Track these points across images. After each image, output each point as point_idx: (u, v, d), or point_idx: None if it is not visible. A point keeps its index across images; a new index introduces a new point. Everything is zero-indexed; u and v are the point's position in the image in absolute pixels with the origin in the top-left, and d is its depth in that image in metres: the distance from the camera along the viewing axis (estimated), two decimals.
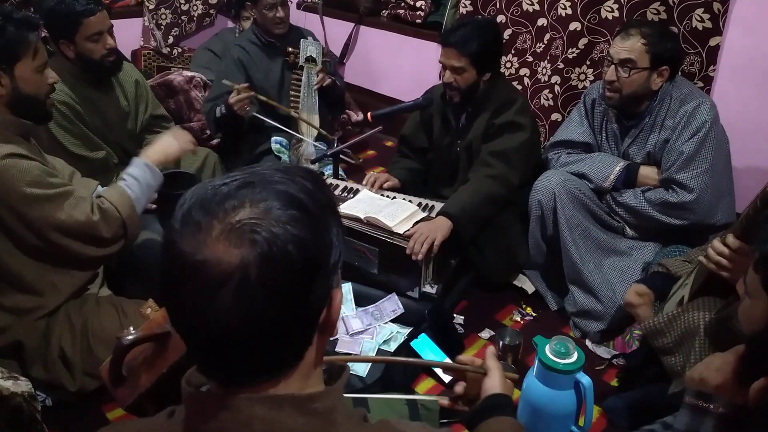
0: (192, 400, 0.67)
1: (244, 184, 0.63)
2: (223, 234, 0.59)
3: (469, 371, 1.14)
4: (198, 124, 3.07)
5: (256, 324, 0.60)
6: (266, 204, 0.61)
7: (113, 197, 1.67)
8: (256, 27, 2.92)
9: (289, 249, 0.60)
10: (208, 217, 0.60)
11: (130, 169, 1.77)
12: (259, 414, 0.63)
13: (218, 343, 0.61)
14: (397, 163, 2.55)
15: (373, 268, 2.17)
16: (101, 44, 2.08)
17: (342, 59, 3.92)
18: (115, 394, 1.10)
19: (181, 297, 0.61)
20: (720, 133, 2.03)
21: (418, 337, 1.97)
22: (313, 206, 0.64)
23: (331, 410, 0.67)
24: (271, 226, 0.60)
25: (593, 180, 2.14)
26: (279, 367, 0.65)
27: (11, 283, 1.61)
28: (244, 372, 0.64)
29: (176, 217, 0.62)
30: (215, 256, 0.59)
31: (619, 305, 2.01)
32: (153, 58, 3.76)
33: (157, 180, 1.80)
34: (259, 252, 0.59)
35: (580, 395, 1.54)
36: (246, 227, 0.59)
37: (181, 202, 0.64)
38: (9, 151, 1.49)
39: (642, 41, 1.95)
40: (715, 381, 1.13)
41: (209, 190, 0.63)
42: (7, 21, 1.48)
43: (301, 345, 0.66)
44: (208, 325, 0.60)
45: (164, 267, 0.63)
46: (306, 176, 0.67)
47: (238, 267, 0.58)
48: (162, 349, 1.08)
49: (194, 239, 0.60)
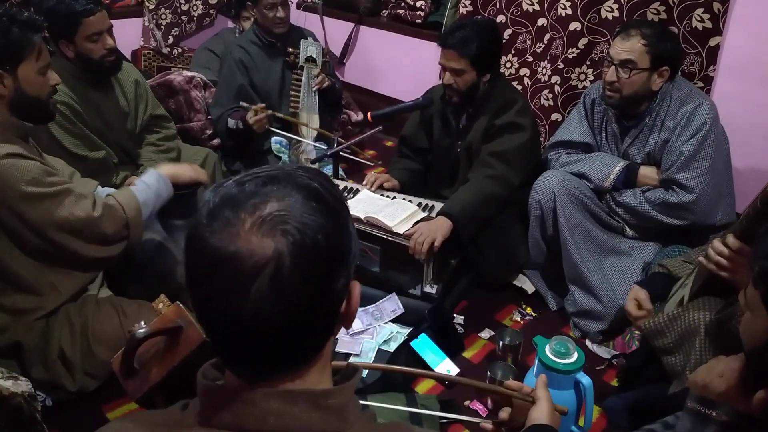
0: (207, 393, 0.67)
1: (269, 179, 0.65)
2: (255, 226, 0.61)
3: (517, 398, 1.12)
4: (198, 124, 3.06)
5: (289, 313, 0.62)
6: (292, 198, 0.63)
7: (121, 197, 1.68)
8: (257, 27, 2.92)
9: (319, 238, 0.62)
10: (236, 211, 0.62)
11: (144, 177, 1.79)
12: (274, 408, 0.64)
13: (249, 335, 0.62)
14: (397, 163, 2.55)
15: (375, 267, 2.17)
16: (101, 44, 2.08)
17: (342, 59, 3.92)
18: (126, 386, 1.11)
19: (211, 291, 0.62)
20: (720, 133, 2.03)
21: (418, 337, 1.97)
22: (332, 199, 0.66)
23: (344, 407, 0.68)
24: (300, 217, 0.62)
25: (593, 180, 2.14)
26: (302, 359, 0.67)
27: (11, 284, 1.61)
28: (270, 364, 0.65)
29: (201, 215, 0.64)
30: (248, 247, 0.60)
31: (619, 305, 2.01)
32: (153, 58, 3.76)
33: (168, 191, 1.81)
34: (292, 242, 0.61)
35: (580, 395, 1.55)
36: (277, 219, 0.61)
37: (205, 200, 0.65)
38: (8, 151, 1.49)
39: (642, 42, 1.95)
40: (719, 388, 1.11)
41: (233, 188, 0.64)
42: (12, 22, 1.49)
43: (324, 335, 0.68)
44: (240, 317, 0.61)
45: (191, 263, 0.64)
46: (320, 174, 0.70)
47: (272, 257, 0.60)
48: (173, 343, 1.10)
49: (226, 233, 0.61)
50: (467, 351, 2.08)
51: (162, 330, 1.10)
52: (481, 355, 2.06)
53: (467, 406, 1.84)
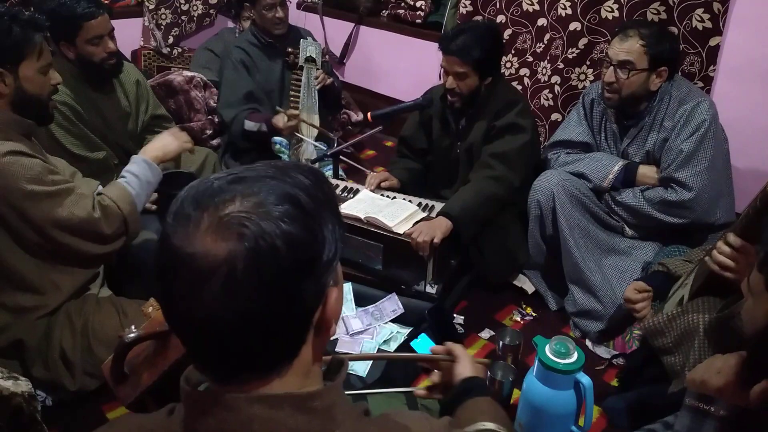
0: (190, 399, 0.67)
1: (237, 179, 0.64)
2: (212, 227, 0.60)
3: (440, 360, 1.20)
4: (198, 124, 3.07)
5: (244, 318, 0.60)
6: (257, 198, 0.61)
7: (114, 194, 1.68)
8: (255, 28, 2.92)
9: (278, 244, 0.60)
10: (198, 210, 0.61)
11: (130, 167, 1.79)
12: (258, 413, 0.63)
13: (207, 337, 0.62)
14: (396, 163, 2.55)
15: (377, 265, 2.17)
16: (101, 48, 2.08)
17: (342, 59, 3.92)
18: (117, 391, 1.11)
19: (172, 290, 0.62)
20: (719, 131, 2.03)
21: (418, 337, 1.97)
22: (307, 202, 0.63)
23: (331, 408, 0.67)
24: (260, 221, 0.60)
25: (592, 179, 2.14)
26: (272, 365, 0.65)
27: (12, 282, 1.62)
28: (236, 368, 0.64)
29: (170, 212, 0.63)
30: (203, 248, 0.59)
31: (619, 305, 2.02)
32: (153, 58, 3.76)
33: (156, 176, 1.81)
34: (246, 246, 0.59)
35: (580, 395, 1.55)
36: (234, 221, 0.60)
37: (177, 198, 0.64)
38: (10, 149, 1.49)
39: (640, 42, 1.95)
40: (716, 383, 1.12)
41: (202, 185, 0.64)
42: (14, 21, 1.49)
43: (295, 343, 0.66)
44: (196, 318, 0.61)
45: (158, 261, 0.63)
46: (305, 172, 0.67)
47: (225, 260, 0.59)
48: (163, 347, 1.09)
49: (185, 232, 0.61)
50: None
51: (152, 334, 1.09)
52: (481, 355, 2.06)
53: None
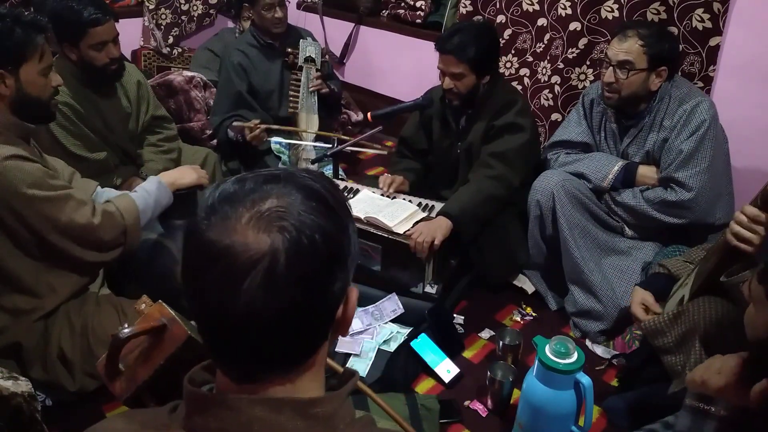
0: (192, 398, 0.67)
1: (270, 178, 0.65)
2: (252, 220, 0.61)
3: None
4: (198, 124, 3.07)
5: (281, 312, 0.61)
6: (292, 196, 0.63)
7: (122, 204, 1.70)
8: (255, 28, 2.92)
9: (316, 238, 0.61)
10: (235, 206, 0.62)
11: (145, 184, 1.82)
12: (259, 415, 0.63)
13: (239, 332, 0.62)
14: (398, 164, 2.55)
15: (376, 266, 2.17)
16: (105, 53, 2.07)
17: (342, 59, 3.92)
18: (112, 388, 1.11)
19: (204, 285, 0.62)
20: (719, 132, 2.03)
21: (418, 337, 1.98)
22: (333, 200, 0.66)
23: (332, 416, 0.67)
24: (299, 215, 0.62)
25: (592, 180, 2.14)
26: (293, 362, 0.66)
27: (10, 284, 1.61)
28: (260, 363, 0.65)
29: (201, 209, 0.64)
30: (244, 241, 0.60)
31: (619, 305, 2.02)
32: (153, 58, 3.76)
33: (168, 199, 1.85)
34: (288, 239, 0.60)
35: (580, 395, 1.55)
36: (275, 215, 0.61)
37: (205, 197, 0.65)
38: (11, 153, 1.49)
39: (639, 42, 1.95)
40: (716, 383, 1.13)
41: (234, 185, 0.65)
42: (15, 23, 1.48)
43: (317, 339, 0.67)
44: (231, 311, 0.60)
45: (187, 257, 0.64)
46: (323, 178, 0.69)
47: (267, 253, 0.59)
48: (158, 341, 1.09)
49: (222, 227, 0.61)
50: (467, 351, 2.08)
51: (146, 329, 1.09)
52: (481, 355, 2.07)
53: (467, 406, 1.84)
